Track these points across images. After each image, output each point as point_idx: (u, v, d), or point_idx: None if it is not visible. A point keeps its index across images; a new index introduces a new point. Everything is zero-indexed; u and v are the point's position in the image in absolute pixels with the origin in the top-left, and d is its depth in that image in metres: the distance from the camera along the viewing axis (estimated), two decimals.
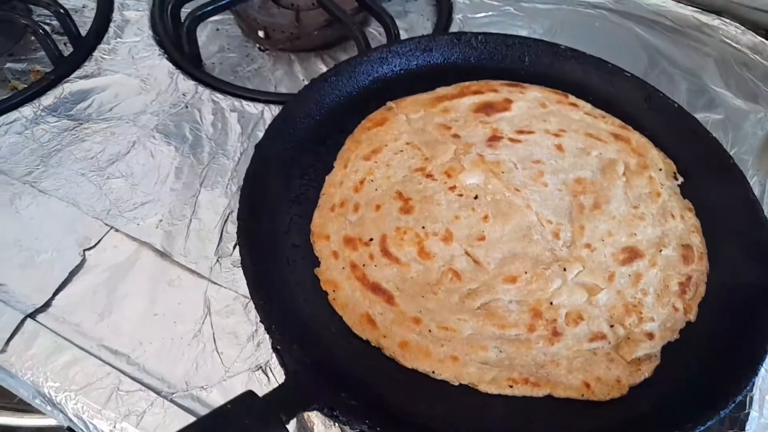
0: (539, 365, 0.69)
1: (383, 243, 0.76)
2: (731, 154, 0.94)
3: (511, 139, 0.87)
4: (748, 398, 0.73)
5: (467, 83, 0.94)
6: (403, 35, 1.12)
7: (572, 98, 0.93)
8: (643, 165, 0.86)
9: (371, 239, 0.77)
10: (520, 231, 0.78)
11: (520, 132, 0.88)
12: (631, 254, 0.77)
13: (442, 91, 0.93)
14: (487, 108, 0.90)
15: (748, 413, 0.72)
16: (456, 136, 0.87)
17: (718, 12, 1.16)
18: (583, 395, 0.67)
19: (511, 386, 0.67)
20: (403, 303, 0.72)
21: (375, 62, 0.94)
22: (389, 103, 0.91)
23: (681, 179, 0.86)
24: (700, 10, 1.16)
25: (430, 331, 0.70)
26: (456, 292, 0.73)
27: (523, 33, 1.14)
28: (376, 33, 1.14)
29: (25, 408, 1.02)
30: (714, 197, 0.84)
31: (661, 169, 0.86)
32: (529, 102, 0.92)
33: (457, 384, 0.67)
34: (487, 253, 0.76)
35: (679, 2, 1.18)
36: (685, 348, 0.72)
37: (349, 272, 0.74)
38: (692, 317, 0.74)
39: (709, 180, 0.86)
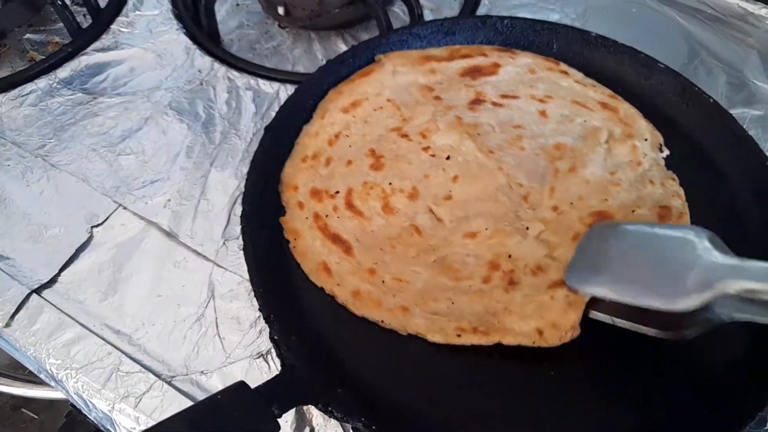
0: (491, 314, 0.66)
1: (348, 196, 0.76)
2: None
3: (494, 103, 0.85)
4: None
5: (458, 46, 0.91)
6: (429, 16, 1.08)
7: (563, 66, 0.90)
8: (628, 134, 0.82)
9: (337, 192, 0.77)
10: (487, 192, 0.76)
11: (504, 96, 0.85)
12: (600, 218, 0.73)
13: (432, 51, 0.90)
14: (474, 72, 0.88)
15: None
16: (438, 99, 0.85)
17: (765, 0, 1.09)
18: (534, 342, 0.64)
19: (459, 335, 0.65)
20: (361, 254, 0.72)
21: (394, 45, 0.90)
22: (379, 56, 0.89)
23: (666, 152, 0.82)
24: None
25: (383, 282, 0.70)
26: (415, 246, 0.72)
27: (555, 17, 1.09)
28: (399, 12, 1.10)
29: (35, 380, 1.03)
30: (748, 197, 0.79)
31: (646, 140, 0.82)
32: (518, 67, 0.89)
33: (405, 334, 0.67)
34: (451, 212, 0.75)
35: None
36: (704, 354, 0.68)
37: (312, 222, 0.74)
38: None
39: (744, 180, 0.80)
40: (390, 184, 0.77)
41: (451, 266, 0.71)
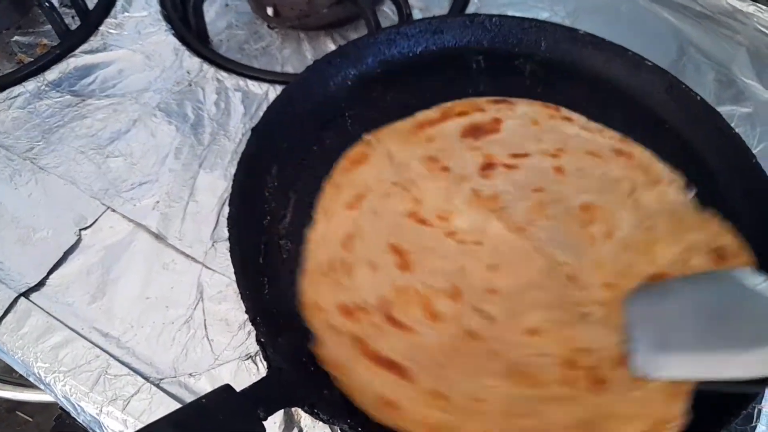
0: (589, 423, 0.60)
1: (385, 308, 0.68)
2: (758, 149, 0.90)
3: (506, 165, 0.79)
4: (756, 411, 0.69)
5: (449, 104, 0.85)
6: (418, 15, 1.08)
7: (564, 111, 0.86)
8: (652, 181, 0.78)
9: (370, 304, 0.68)
10: (531, 278, 0.70)
11: (515, 156, 0.80)
12: (658, 280, 0.69)
13: (422, 116, 0.85)
14: (474, 131, 0.83)
15: (755, 427, 0.69)
16: (445, 169, 0.79)
17: None
18: None
19: None
20: (420, 376, 0.63)
21: (382, 44, 0.89)
22: (366, 137, 0.82)
23: (694, 191, 0.78)
24: None
25: (455, 405, 0.61)
26: (475, 355, 0.65)
27: (545, 15, 1.09)
28: (389, 12, 1.10)
29: (27, 383, 1.03)
30: (737, 196, 0.79)
31: (670, 184, 0.79)
32: (519, 120, 0.84)
33: None
34: (501, 307, 0.68)
35: None
36: None
37: (354, 348, 0.65)
38: None
39: (733, 178, 0.80)
40: (425, 284, 0.69)
41: (525, 372, 0.63)
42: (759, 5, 1.08)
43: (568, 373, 0.63)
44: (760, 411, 0.69)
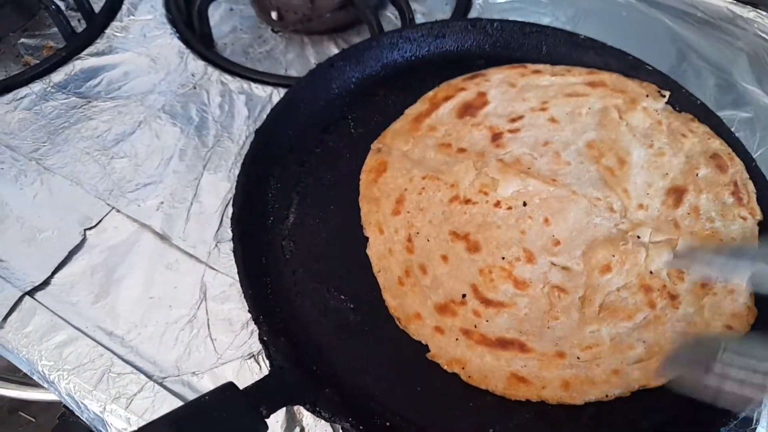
0: (681, 334, 0.68)
1: (477, 293, 0.71)
2: (759, 153, 0.90)
3: (510, 131, 0.83)
4: (755, 414, 0.69)
5: (430, 93, 0.88)
6: (421, 19, 1.09)
7: (531, 66, 0.91)
8: (631, 100, 0.85)
9: (464, 295, 0.71)
10: (582, 220, 0.75)
11: (512, 120, 0.85)
12: (677, 193, 0.77)
13: (412, 111, 0.87)
14: (468, 109, 0.86)
15: (755, 429, 0.69)
16: (462, 150, 0.82)
17: (754, 4, 1.10)
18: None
19: None
20: (537, 344, 0.67)
21: (385, 48, 0.91)
22: (374, 145, 0.84)
23: (667, 93, 0.86)
24: (734, 1, 1.10)
25: (578, 358, 0.66)
26: (571, 307, 0.70)
27: (546, 20, 1.10)
28: (391, 17, 1.11)
29: (31, 382, 1.04)
30: None
31: (648, 96, 0.85)
32: (498, 87, 0.88)
33: (629, 394, 0.65)
34: (570, 256, 0.73)
35: None
36: None
37: (466, 340, 0.68)
38: (759, 216, 0.75)
39: None
40: (503, 258, 0.73)
41: (616, 308, 0.70)
42: (759, 11, 1.09)
43: (648, 297, 0.70)
44: (759, 414, 0.69)
